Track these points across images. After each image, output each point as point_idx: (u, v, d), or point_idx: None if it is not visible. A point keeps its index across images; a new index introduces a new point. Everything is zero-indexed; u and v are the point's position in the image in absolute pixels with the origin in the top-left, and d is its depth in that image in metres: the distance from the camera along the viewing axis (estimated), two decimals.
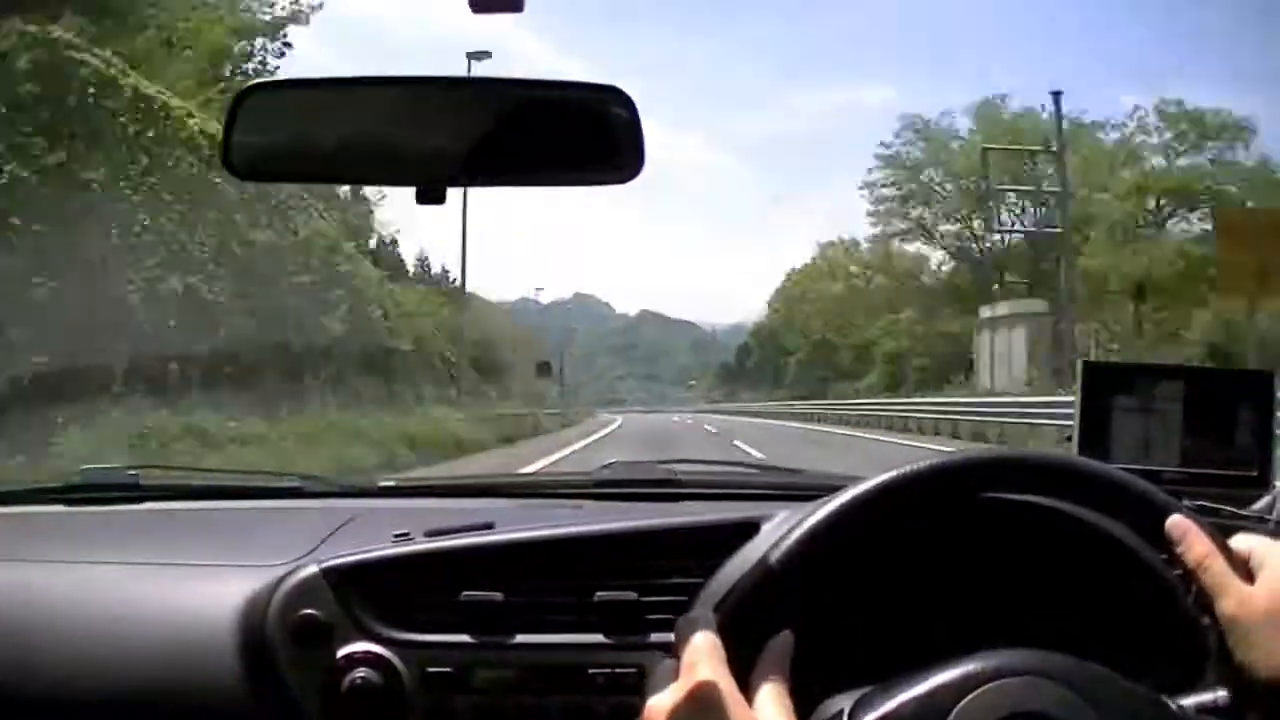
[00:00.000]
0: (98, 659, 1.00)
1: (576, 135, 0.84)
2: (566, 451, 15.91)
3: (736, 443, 16.74)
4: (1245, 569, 0.68)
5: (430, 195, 0.80)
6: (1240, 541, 0.71)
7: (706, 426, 28.19)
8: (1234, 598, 0.66)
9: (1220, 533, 0.70)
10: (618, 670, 0.93)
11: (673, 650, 0.67)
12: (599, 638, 0.96)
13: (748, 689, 0.65)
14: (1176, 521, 0.70)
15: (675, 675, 0.64)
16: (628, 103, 0.83)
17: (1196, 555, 0.68)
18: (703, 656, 0.64)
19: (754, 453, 13.36)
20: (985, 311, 29.44)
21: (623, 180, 0.84)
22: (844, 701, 0.67)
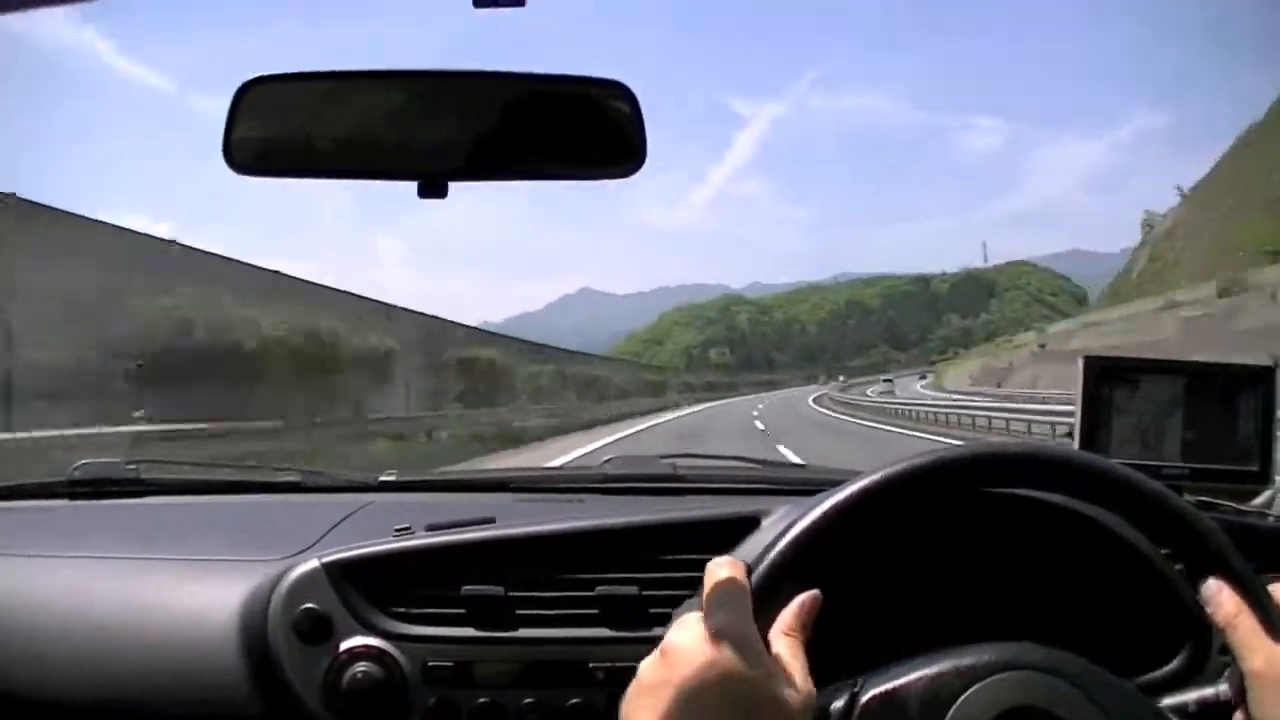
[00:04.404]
0: (99, 653, 1.00)
1: (579, 129, 0.84)
2: None
3: None
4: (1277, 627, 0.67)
5: (433, 190, 0.80)
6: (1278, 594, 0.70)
7: None
8: (1261, 656, 0.65)
9: (1257, 590, 0.69)
10: (619, 664, 0.93)
11: (699, 591, 0.67)
12: (600, 632, 0.96)
13: (767, 640, 0.65)
14: (1211, 584, 0.69)
15: (697, 619, 0.64)
16: (630, 97, 0.83)
17: (1227, 614, 0.67)
18: (729, 599, 0.64)
19: None
20: None
21: (625, 174, 0.84)
22: (856, 675, 0.68)
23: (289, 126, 0.85)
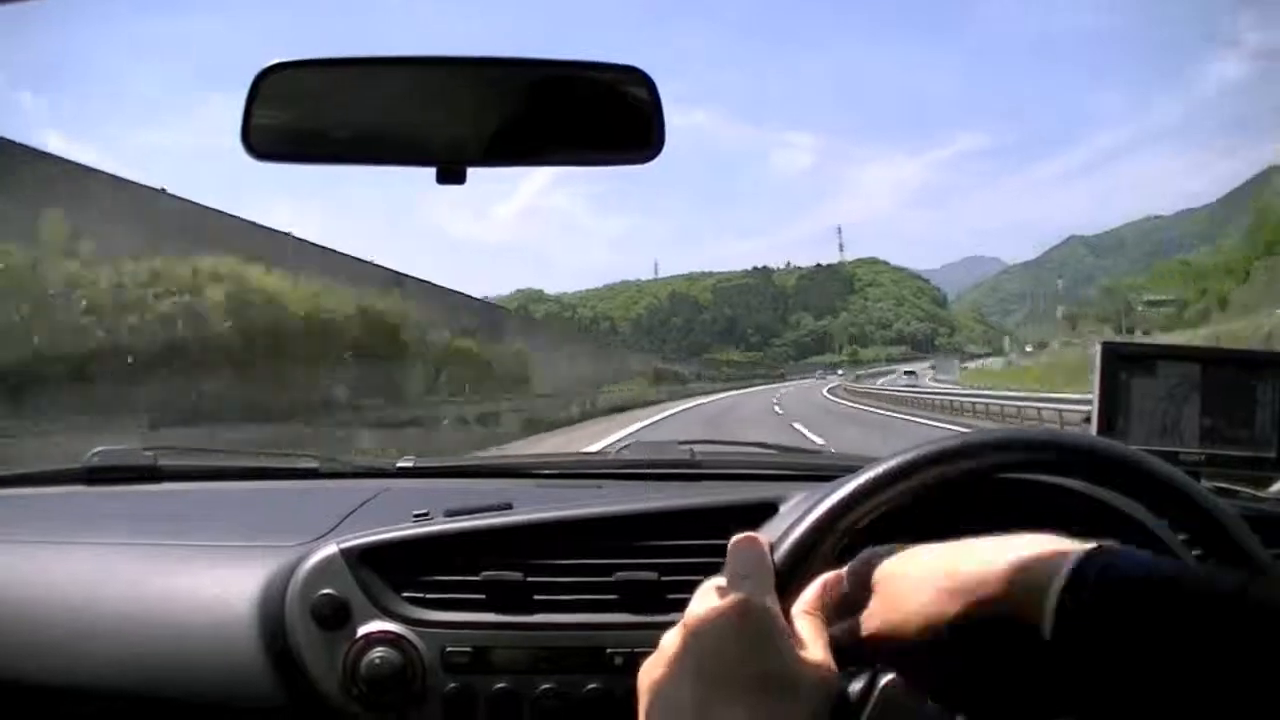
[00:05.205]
0: (117, 640, 1.01)
1: (597, 115, 0.84)
2: None
3: None
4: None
5: (451, 175, 0.80)
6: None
7: None
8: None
9: None
10: (637, 650, 0.93)
11: (722, 570, 0.67)
12: (619, 617, 0.96)
13: (788, 618, 0.64)
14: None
15: (720, 593, 0.64)
16: (648, 83, 0.83)
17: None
18: (752, 573, 0.64)
19: None
20: None
21: (643, 160, 0.83)
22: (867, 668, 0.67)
23: (307, 113, 0.85)
